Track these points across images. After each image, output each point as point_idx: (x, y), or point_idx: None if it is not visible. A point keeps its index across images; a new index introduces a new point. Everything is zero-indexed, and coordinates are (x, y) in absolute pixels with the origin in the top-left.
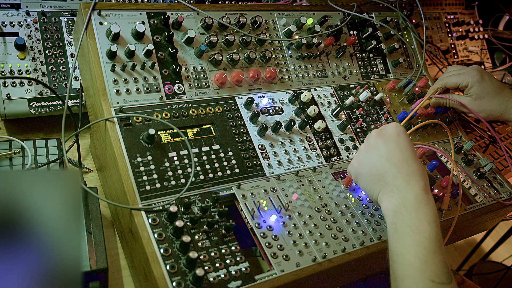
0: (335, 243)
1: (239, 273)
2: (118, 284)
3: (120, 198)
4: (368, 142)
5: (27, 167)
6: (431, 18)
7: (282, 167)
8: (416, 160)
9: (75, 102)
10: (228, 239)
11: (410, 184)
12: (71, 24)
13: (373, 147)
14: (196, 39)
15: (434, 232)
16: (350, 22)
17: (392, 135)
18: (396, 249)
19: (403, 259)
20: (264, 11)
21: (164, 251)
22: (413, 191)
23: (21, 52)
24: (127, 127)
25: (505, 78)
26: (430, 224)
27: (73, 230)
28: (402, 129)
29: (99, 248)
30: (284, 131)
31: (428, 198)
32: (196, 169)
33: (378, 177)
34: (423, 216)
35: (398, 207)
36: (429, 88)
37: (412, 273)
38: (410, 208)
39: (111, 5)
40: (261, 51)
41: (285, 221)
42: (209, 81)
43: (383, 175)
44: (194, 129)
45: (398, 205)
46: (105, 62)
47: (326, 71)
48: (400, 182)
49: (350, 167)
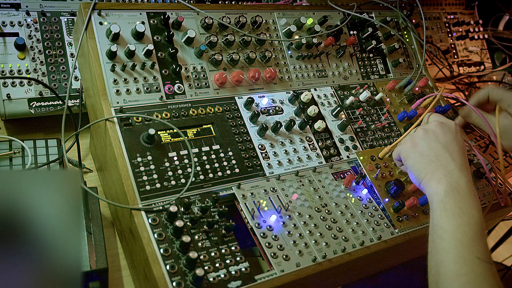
0: (335, 243)
1: (239, 273)
2: (118, 284)
3: (120, 198)
4: (426, 128)
5: (27, 167)
6: (431, 18)
7: (282, 167)
8: (466, 157)
9: (75, 102)
10: (228, 239)
11: (462, 173)
12: (71, 24)
13: (431, 133)
14: (196, 39)
15: (481, 218)
16: (350, 22)
17: (452, 129)
18: (443, 225)
19: (451, 235)
20: (264, 11)
21: (164, 251)
22: (465, 179)
23: (21, 52)
24: (127, 127)
25: (505, 78)
26: (478, 211)
27: (73, 230)
28: (460, 129)
29: (99, 248)
30: (284, 131)
31: (475, 190)
32: (196, 169)
33: (432, 158)
34: (473, 203)
35: (450, 189)
36: (429, 89)
37: (460, 249)
38: (462, 193)
39: (111, 5)
40: (261, 51)
41: (285, 221)
42: (209, 81)
43: (438, 157)
44: (194, 129)
45: (450, 187)
46: (105, 62)
47: (326, 71)
48: (453, 168)
49: (401, 147)
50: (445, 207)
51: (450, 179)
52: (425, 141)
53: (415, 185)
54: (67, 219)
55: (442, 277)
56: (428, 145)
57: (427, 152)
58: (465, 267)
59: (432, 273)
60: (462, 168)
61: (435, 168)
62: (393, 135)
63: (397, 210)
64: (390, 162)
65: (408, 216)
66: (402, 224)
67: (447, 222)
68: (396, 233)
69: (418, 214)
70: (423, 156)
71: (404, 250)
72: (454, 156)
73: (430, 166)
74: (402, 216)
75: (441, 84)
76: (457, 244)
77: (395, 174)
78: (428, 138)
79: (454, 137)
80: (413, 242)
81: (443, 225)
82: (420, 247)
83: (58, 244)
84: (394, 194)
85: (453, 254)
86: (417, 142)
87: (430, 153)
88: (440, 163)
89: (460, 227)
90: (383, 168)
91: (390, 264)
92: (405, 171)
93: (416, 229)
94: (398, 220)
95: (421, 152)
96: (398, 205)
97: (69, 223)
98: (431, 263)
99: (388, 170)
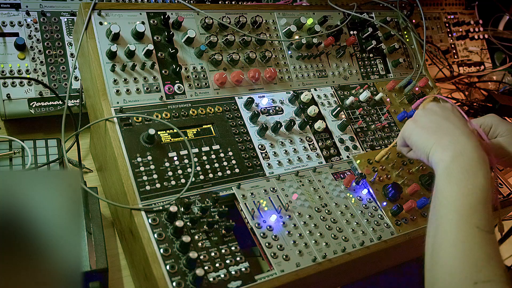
0: (335, 243)
1: (239, 273)
2: (118, 284)
3: (120, 198)
4: (424, 108)
5: (27, 167)
6: (431, 18)
7: (282, 167)
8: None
9: (75, 102)
10: (228, 239)
11: (469, 139)
12: (71, 24)
13: (430, 110)
14: (196, 39)
15: (487, 186)
16: (350, 22)
17: (448, 107)
18: (445, 192)
19: (452, 202)
20: (264, 11)
21: (164, 251)
22: (472, 145)
23: (21, 52)
24: (127, 127)
25: (505, 78)
26: (485, 179)
27: (73, 230)
28: (459, 110)
29: (99, 248)
30: (284, 131)
31: (485, 157)
32: (196, 169)
33: (434, 129)
34: (480, 170)
35: (456, 154)
36: (429, 89)
37: (459, 217)
38: (468, 158)
39: (111, 5)
40: (261, 51)
41: (285, 221)
42: (209, 81)
43: (440, 127)
44: (194, 129)
45: (456, 152)
46: (105, 62)
47: (326, 71)
48: (459, 135)
49: (403, 130)
50: (449, 174)
51: (456, 145)
52: (425, 116)
53: (413, 187)
54: (67, 219)
55: (438, 246)
56: (429, 119)
57: (429, 125)
58: (462, 236)
59: (430, 240)
60: (468, 134)
61: (440, 136)
62: (393, 135)
63: (395, 213)
64: (387, 165)
65: (406, 219)
66: (400, 227)
67: (450, 189)
68: (396, 233)
69: (416, 217)
70: (425, 128)
71: (404, 250)
72: (457, 125)
73: (435, 135)
74: (401, 220)
75: (441, 85)
76: (456, 212)
77: (392, 177)
78: (427, 114)
79: (452, 113)
80: (413, 242)
81: (445, 192)
82: (420, 247)
83: (58, 244)
84: (392, 197)
85: (451, 222)
86: (417, 119)
87: (432, 125)
88: (444, 131)
89: (463, 195)
90: (380, 171)
91: (390, 264)
92: (413, 157)
93: (416, 229)
94: (397, 224)
95: (423, 126)
96: (396, 208)
97: (69, 223)
98: (429, 230)
99: (386, 173)
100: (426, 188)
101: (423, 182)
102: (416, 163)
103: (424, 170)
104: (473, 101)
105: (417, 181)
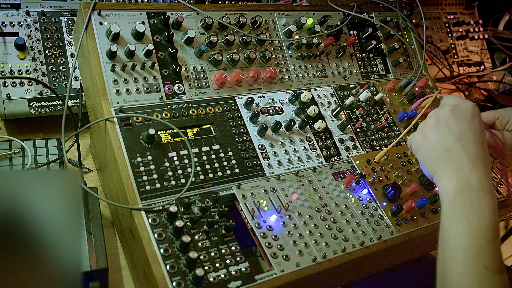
0: (335, 243)
1: (239, 273)
2: (118, 284)
3: (120, 198)
4: (438, 116)
5: (27, 167)
6: (431, 18)
7: (282, 167)
8: (484, 146)
9: (75, 102)
10: (228, 239)
11: (475, 167)
12: (71, 24)
13: (443, 122)
14: (196, 39)
15: (494, 219)
16: (350, 22)
17: (467, 114)
18: (451, 230)
19: (458, 242)
20: (264, 11)
21: (164, 251)
22: (478, 175)
23: (21, 52)
24: (127, 127)
25: (505, 78)
26: (491, 212)
27: (73, 230)
28: (478, 111)
29: (99, 248)
30: (284, 131)
31: (491, 185)
32: (196, 169)
33: (442, 152)
34: (485, 203)
35: (459, 188)
36: (429, 89)
37: (466, 258)
38: (472, 192)
39: (111, 5)
40: (261, 51)
41: (285, 221)
42: (209, 81)
43: (449, 151)
44: (194, 129)
45: (460, 186)
46: (105, 62)
47: (326, 71)
48: (466, 163)
49: (411, 138)
50: (453, 210)
51: (460, 176)
52: (436, 132)
53: (412, 187)
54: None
55: (448, 286)
56: (438, 138)
57: (438, 146)
58: (471, 278)
59: (440, 280)
60: (475, 160)
61: (446, 163)
62: (393, 135)
63: (395, 213)
64: (387, 166)
65: (406, 219)
66: (400, 227)
67: (455, 227)
68: (396, 233)
69: (416, 217)
70: (433, 150)
71: (404, 250)
72: (468, 149)
73: (441, 161)
74: (401, 220)
75: (441, 85)
76: (463, 253)
77: (392, 177)
78: (439, 130)
79: (469, 125)
80: (413, 242)
81: (450, 230)
82: (420, 247)
83: (58, 244)
84: (391, 197)
85: (459, 264)
86: (428, 133)
87: (440, 146)
88: (451, 158)
89: (469, 233)
90: (379, 172)
91: (390, 264)
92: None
93: (416, 229)
94: (397, 224)
95: (431, 146)
96: (396, 208)
97: (69, 223)
98: (439, 270)
99: (385, 174)
100: (425, 188)
101: (423, 182)
102: (416, 164)
103: None
104: (473, 101)
105: (417, 181)
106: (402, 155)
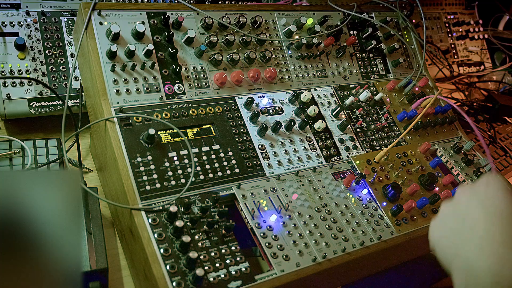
0: (335, 243)
1: (239, 273)
2: (118, 284)
3: (120, 198)
4: (459, 204)
5: (27, 167)
6: (431, 18)
7: (282, 167)
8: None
9: (75, 102)
10: (228, 239)
11: (482, 261)
12: (71, 24)
13: (464, 208)
14: (196, 39)
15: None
16: (350, 22)
17: (487, 197)
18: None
19: None
20: (264, 11)
21: (164, 251)
22: (485, 270)
23: (21, 52)
24: (127, 127)
25: (505, 78)
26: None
27: (73, 230)
28: (500, 184)
29: (99, 248)
30: (284, 131)
31: (498, 270)
32: (196, 169)
33: (457, 244)
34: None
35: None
36: (429, 89)
37: None
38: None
39: (111, 5)
40: (261, 51)
41: (285, 221)
42: (209, 81)
43: (463, 242)
44: (194, 129)
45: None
46: (105, 62)
47: (326, 71)
48: (474, 260)
49: (432, 228)
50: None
51: (467, 275)
52: (453, 217)
53: (412, 187)
54: (67, 219)
55: None
56: (455, 225)
57: (452, 237)
58: None
59: None
60: (482, 254)
61: (456, 260)
62: (393, 135)
63: (395, 213)
64: (387, 166)
65: (406, 219)
66: (400, 227)
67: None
68: (396, 233)
69: (416, 217)
70: (447, 241)
71: (404, 250)
72: (479, 242)
73: (453, 255)
74: (401, 220)
75: (441, 85)
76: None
77: (392, 177)
78: (455, 213)
79: (489, 204)
80: (413, 242)
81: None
82: (420, 247)
83: (58, 244)
84: (391, 197)
85: None
86: (445, 220)
87: (455, 237)
88: (462, 253)
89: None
90: (379, 172)
91: (390, 264)
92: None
93: (416, 229)
94: (397, 224)
95: (443, 247)
96: (396, 208)
97: (69, 223)
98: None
99: (385, 174)
100: (425, 188)
101: (423, 182)
102: (415, 164)
103: (424, 170)
104: (473, 101)
105: (417, 181)
106: (402, 155)
